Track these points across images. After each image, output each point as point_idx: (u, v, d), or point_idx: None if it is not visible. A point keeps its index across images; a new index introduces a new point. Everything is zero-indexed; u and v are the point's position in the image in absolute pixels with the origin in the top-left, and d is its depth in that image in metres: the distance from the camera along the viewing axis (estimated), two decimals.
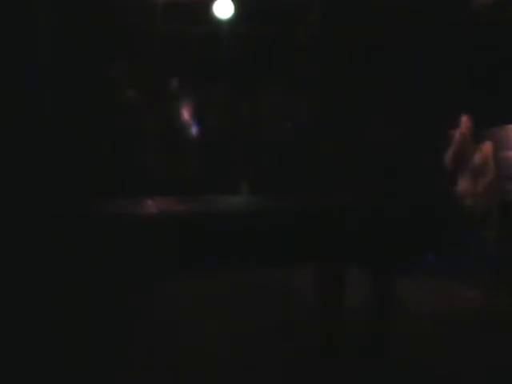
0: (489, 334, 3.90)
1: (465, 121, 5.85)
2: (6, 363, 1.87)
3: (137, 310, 4.35)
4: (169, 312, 4.35)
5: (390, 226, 1.81)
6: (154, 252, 1.62)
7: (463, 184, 5.87)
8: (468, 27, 6.68)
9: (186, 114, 8.39)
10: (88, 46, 6.40)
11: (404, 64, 3.58)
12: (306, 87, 3.68)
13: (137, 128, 7.78)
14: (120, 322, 4.10)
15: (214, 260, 1.70)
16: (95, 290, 3.40)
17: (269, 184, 7.42)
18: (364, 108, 3.44)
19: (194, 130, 8.49)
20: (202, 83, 8.69)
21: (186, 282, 4.03)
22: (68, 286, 1.86)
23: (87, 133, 6.63)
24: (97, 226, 1.61)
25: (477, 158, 5.80)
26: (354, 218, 1.79)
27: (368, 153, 3.42)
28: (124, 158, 7.33)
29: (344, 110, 3.45)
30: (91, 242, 1.59)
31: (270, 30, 8.61)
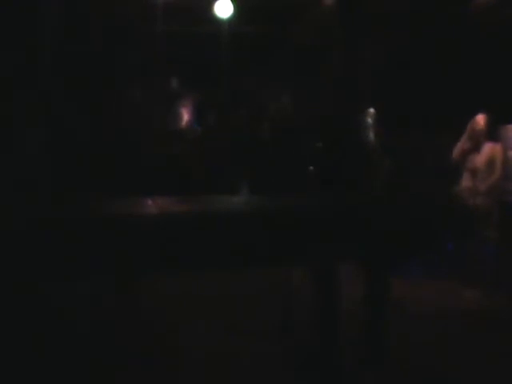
0: (489, 333, 3.90)
1: (479, 119, 5.81)
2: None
3: (136, 310, 4.35)
4: (168, 312, 4.35)
5: (391, 227, 1.82)
6: (153, 252, 1.62)
7: (465, 182, 5.86)
8: (468, 27, 6.68)
9: (185, 114, 8.39)
10: None
11: None
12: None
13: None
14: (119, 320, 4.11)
15: (213, 260, 1.70)
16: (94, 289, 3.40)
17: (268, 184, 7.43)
18: None
19: (194, 130, 8.48)
20: (201, 83, 8.69)
21: (185, 281, 4.03)
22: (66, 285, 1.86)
23: None
24: (96, 226, 1.61)
25: (482, 157, 5.77)
26: (356, 218, 1.79)
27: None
28: None
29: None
30: (91, 242, 1.60)
31: (270, 30, 8.62)
